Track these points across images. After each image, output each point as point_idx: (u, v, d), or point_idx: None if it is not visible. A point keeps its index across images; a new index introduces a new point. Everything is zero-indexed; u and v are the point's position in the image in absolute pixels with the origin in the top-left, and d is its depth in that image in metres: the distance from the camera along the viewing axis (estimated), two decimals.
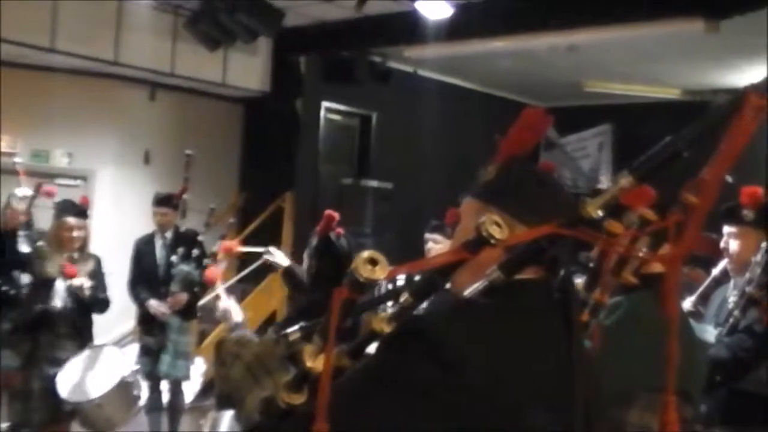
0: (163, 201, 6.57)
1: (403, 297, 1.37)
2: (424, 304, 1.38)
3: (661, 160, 1.34)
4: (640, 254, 1.70)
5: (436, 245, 5.76)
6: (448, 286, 1.41)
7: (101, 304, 5.63)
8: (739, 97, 1.28)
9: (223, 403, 1.70)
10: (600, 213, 1.35)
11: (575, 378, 1.42)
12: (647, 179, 1.36)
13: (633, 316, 2.16)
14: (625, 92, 10.50)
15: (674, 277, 1.37)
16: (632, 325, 2.14)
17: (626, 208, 1.46)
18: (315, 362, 1.26)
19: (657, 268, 2.28)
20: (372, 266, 1.16)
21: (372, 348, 1.36)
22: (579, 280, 2.77)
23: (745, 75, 9.33)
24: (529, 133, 1.61)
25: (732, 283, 3.87)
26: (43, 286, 5.26)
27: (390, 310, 1.35)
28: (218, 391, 1.71)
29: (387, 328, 1.32)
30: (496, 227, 1.26)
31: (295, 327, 1.66)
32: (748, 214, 3.71)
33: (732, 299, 3.71)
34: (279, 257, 4.49)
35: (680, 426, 1.34)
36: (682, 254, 1.36)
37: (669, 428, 1.32)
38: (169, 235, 6.55)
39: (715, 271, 3.98)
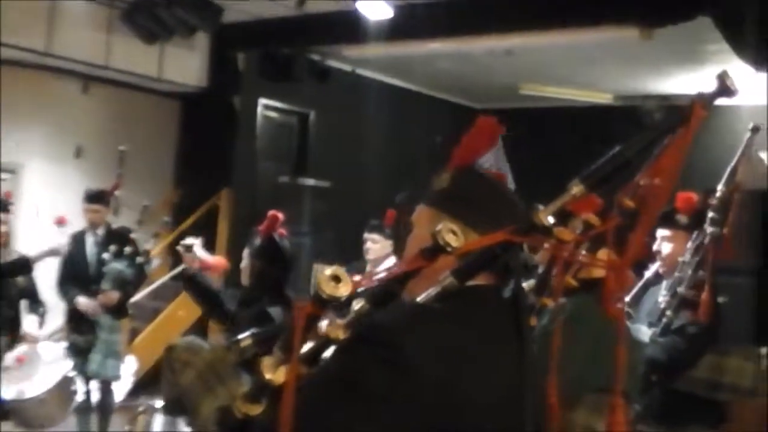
0: (94, 197, 6.44)
1: (359, 304, 1.38)
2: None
3: (611, 169, 1.37)
4: (585, 259, 1.74)
5: (375, 245, 5.78)
6: None
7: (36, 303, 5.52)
8: (688, 107, 1.32)
9: (171, 409, 1.69)
10: (551, 220, 1.38)
11: (526, 381, 1.45)
12: (597, 188, 1.39)
13: (577, 319, 2.20)
14: (559, 96, 10.67)
15: (621, 282, 1.40)
16: (576, 328, 2.18)
17: (570, 215, 1.49)
18: (275, 374, 1.26)
19: (596, 272, 2.34)
20: (335, 283, 1.17)
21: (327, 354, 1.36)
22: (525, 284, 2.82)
23: (676, 81, 9.58)
24: (481, 141, 1.63)
25: (664, 284, 3.98)
26: None
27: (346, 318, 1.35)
28: (167, 397, 1.69)
29: (342, 335, 1.33)
30: (452, 235, 1.28)
31: (247, 334, 1.65)
32: (682, 218, 3.83)
33: (663, 299, 3.82)
34: (198, 252, 4.35)
35: (625, 427, 1.37)
36: (631, 260, 1.40)
37: (616, 430, 1.35)
38: (100, 232, 6.42)
39: (648, 273, 4.08)
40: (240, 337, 1.65)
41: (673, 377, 3.58)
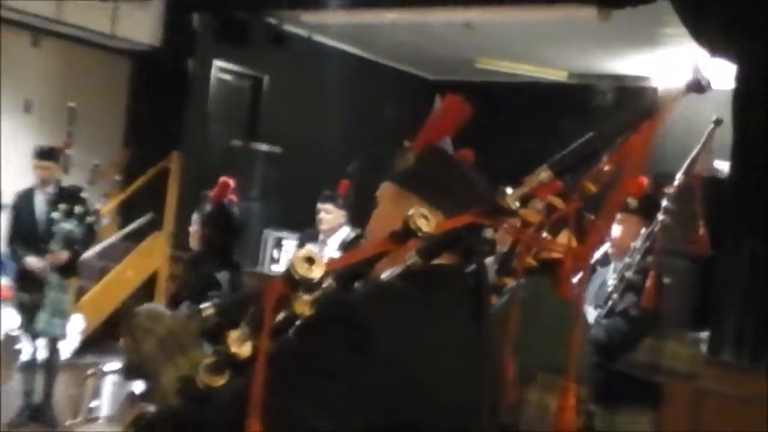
0: (45, 154, 6.33)
1: (326, 282, 1.40)
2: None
3: (579, 158, 1.40)
4: (547, 243, 1.78)
5: (328, 215, 5.78)
6: None
7: None
8: (659, 101, 1.35)
9: (131, 375, 1.69)
10: (517, 204, 1.41)
11: (485, 359, 1.49)
12: (564, 175, 1.43)
13: (533, 299, 2.25)
14: (515, 71, 10.72)
15: (580, 266, 1.43)
16: (532, 308, 2.22)
17: (532, 196, 1.52)
18: (240, 348, 1.27)
19: (554, 253, 2.38)
20: (309, 264, 1.18)
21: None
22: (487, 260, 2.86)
23: (631, 62, 9.68)
24: (448, 121, 1.64)
25: (612, 266, 4.07)
26: None
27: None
28: (127, 363, 1.70)
29: (308, 311, 1.35)
30: (424, 220, 1.30)
31: (209, 303, 1.65)
32: (632, 202, 3.90)
33: (611, 282, 3.90)
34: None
35: (575, 408, 1.41)
36: (593, 246, 1.44)
37: (566, 413, 1.38)
38: (51, 190, 6.33)
39: (597, 255, 4.15)
40: (202, 306, 1.66)
41: (613, 359, 3.67)
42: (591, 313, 3.76)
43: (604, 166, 1.40)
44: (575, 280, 1.42)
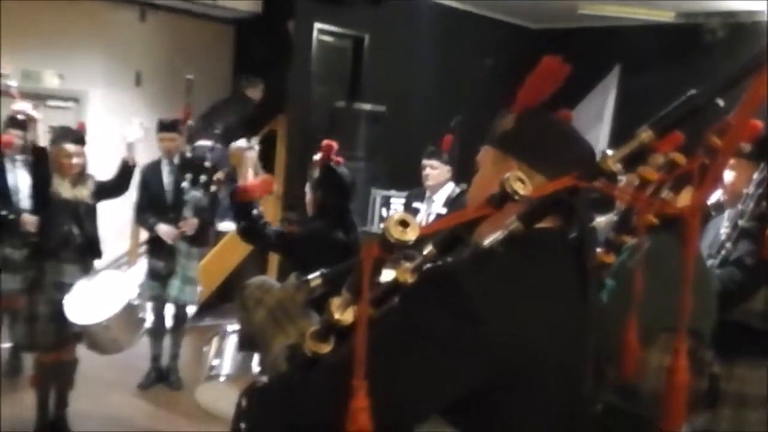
0: (168, 126, 6.55)
1: (427, 249, 1.42)
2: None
3: (681, 115, 1.37)
4: (663, 204, 1.74)
5: (434, 171, 5.79)
6: None
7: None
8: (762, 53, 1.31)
9: (245, 345, 1.77)
10: (619, 166, 1.39)
11: (588, 324, 1.49)
12: (666, 134, 1.40)
13: (655, 257, 2.18)
14: (618, 14, 10.40)
15: (695, 223, 1.40)
16: (655, 266, 2.16)
17: (651, 151, 1.48)
18: (343, 315, 1.32)
19: (676, 211, 2.32)
20: (403, 228, 1.19)
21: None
22: (601, 219, 2.81)
23: None
24: (546, 83, 1.62)
25: (726, 214, 3.94)
26: (60, 211, 5.29)
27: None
28: (241, 334, 1.77)
29: (410, 279, 1.38)
30: (520, 183, 1.30)
31: (316, 273, 1.71)
32: (745, 146, 3.75)
33: (724, 231, 3.79)
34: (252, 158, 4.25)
35: (695, 368, 1.38)
36: (703, 199, 1.40)
37: (679, 375, 1.37)
38: (176, 161, 6.55)
39: (710, 202, 4.03)
40: (310, 276, 1.72)
41: (728, 308, 3.56)
42: None
43: (732, 120, 1.36)
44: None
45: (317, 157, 4.13)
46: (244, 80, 9.45)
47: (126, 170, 5.88)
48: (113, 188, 5.79)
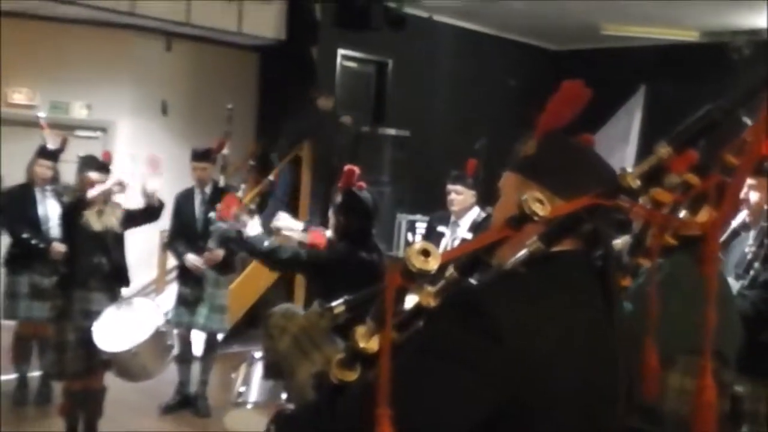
0: (201, 155, 6.57)
1: (448, 272, 1.42)
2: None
3: (699, 130, 1.35)
4: (681, 216, 1.72)
5: (459, 196, 5.76)
6: None
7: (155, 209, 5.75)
8: None
9: (271, 373, 1.77)
10: (638, 183, 1.38)
11: (615, 344, 1.48)
12: (685, 149, 1.38)
13: (673, 278, 2.16)
14: (642, 35, 10.39)
15: (714, 241, 1.39)
16: (673, 287, 2.14)
17: (665, 172, 1.47)
18: (368, 343, 1.32)
19: (695, 228, 2.30)
20: (425, 257, 1.20)
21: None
22: (617, 241, 2.79)
23: (764, 17, 9.21)
24: (567, 107, 1.61)
25: (751, 233, 3.90)
26: (89, 240, 5.34)
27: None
28: (266, 362, 1.78)
29: (433, 303, 1.38)
30: (539, 204, 1.30)
31: (340, 300, 1.71)
32: (767, 164, 3.72)
33: (750, 250, 3.75)
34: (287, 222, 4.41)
35: (718, 389, 1.37)
36: (724, 219, 1.39)
37: (705, 394, 1.35)
38: (207, 190, 6.59)
39: (735, 223, 4.00)
40: (333, 303, 1.72)
41: (759, 330, 3.52)
42: (733, 284, 3.63)
43: (748, 137, 1.35)
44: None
45: (340, 182, 4.15)
46: (315, 91, 9.49)
47: (152, 208, 5.89)
48: (142, 218, 5.83)
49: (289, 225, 4.41)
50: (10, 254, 6.46)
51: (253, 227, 4.14)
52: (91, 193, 5.27)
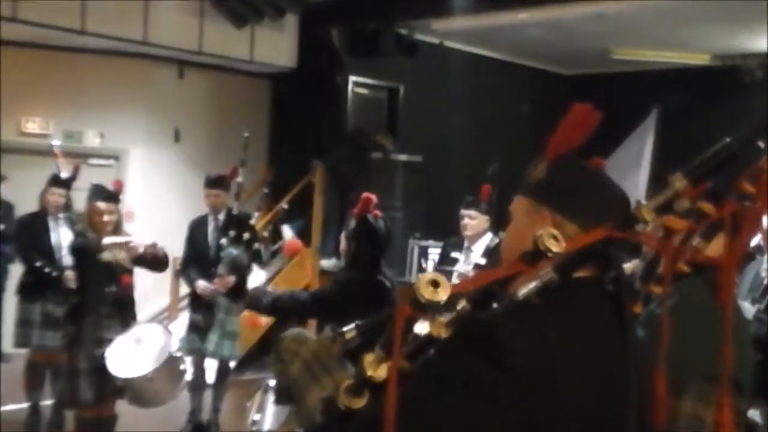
0: (214, 182, 6.57)
1: (460, 304, 1.41)
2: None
3: (716, 164, 1.35)
4: (694, 244, 1.70)
5: (472, 221, 5.76)
6: None
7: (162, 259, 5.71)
8: None
9: (282, 398, 1.76)
10: (653, 215, 1.37)
11: (630, 374, 1.45)
12: (701, 182, 1.37)
13: (685, 304, 2.14)
14: (653, 59, 10.40)
15: (731, 274, 1.37)
16: (685, 313, 2.11)
17: (669, 206, 1.46)
18: (376, 371, 1.31)
19: (710, 261, 2.27)
20: (434, 288, 1.19)
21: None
22: (627, 265, 2.77)
23: None
24: (578, 130, 1.60)
25: (766, 258, 3.88)
26: (99, 269, 5.34)
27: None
28: (277, 387, 1.76)
29: (444, 333, 1.36)
30: (554, 240, 1.29)
31: (351, 326, 1.70)
32: None
33: (766, 273, 3.72)
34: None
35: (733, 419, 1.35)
36: (743, 247, 1.37)
37: (724, 430, 1.33)
38: (221, 217, 6.59)
39: (748, 247, 3.97)
40: (345, 328, 1.71)
41: None
42: (747, 309, 3.60)
43: (764, 164, 1.34)
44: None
45: (355, 209, 4.15)
46: (376, 133, 9.61)
47: (157, 260, 5.87)
48: (149, 266, 5.78)
49: None
50: (23, 282, 6.48)
51: (255, 278, 4.11)
52: (106, 241, 5.28)
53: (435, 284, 1.19)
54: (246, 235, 6.32)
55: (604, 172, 1.67)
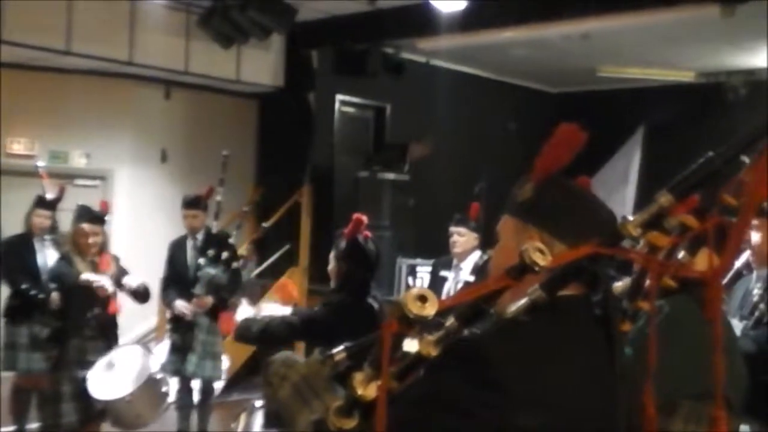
0: (192, 203, 6.55)
1: (449, 321, 1.40)
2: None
3: (700, 178, 1.35)
4: (679, 258, 1.71)
5: (461, 238, 5.77)
6: None
7: (142, 293, 5.71)
8: None
9: (271, 422, 1.74)
10: (639, 231, 1.37)
11: (617, 391, 1.45)
12: (686, 198, 1.38)
13: (674, 322, 2.13)
14: (639, 76, 10.47)
15: (718, 289, 1.37)
16: (674, 331, 2.11)
17: (655, 223, 1.46)
18: (366, 390, 1.29)
19: (696, 275, 2.28)
20: (421, 303, 1.18)
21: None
22: (618, 283, 2.76)
23: (759, 57, 9.30)
24: (564, 150, 1.60)
25: (755, 275, 3.87)
26: (83, 292, 5.31)
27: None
28: (267, 410, 1.75)
29: (433, 352, 1.35)
30: (539, 254, 1.28)
31: (340, 347, 1.69)
32: (766, 206, 3.71)
33: (756, 292, 3.72)
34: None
35: None
36: (727, 265, 1.37)
37: None
38: (200, 236, 6.57)
39: (738, 264, 3.97)
40: (334, 351, 1.69)
41: (764, 370, 3.48)
42: (736, 326, 3.59)
43: (745, 177, 1.34)
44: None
45: (345, 229, 4.13)
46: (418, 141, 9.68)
47: (141, 295, 5.89)
48: (133, 296, 5.79)
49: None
50: (9, 305, 6.43)
51: (242, 311, 4.07)
52: (82, 278, 5.30)
53: (423, 299, 1.18)
54: (225, 255, 6.30)
55: (591, 192, 1.67)
